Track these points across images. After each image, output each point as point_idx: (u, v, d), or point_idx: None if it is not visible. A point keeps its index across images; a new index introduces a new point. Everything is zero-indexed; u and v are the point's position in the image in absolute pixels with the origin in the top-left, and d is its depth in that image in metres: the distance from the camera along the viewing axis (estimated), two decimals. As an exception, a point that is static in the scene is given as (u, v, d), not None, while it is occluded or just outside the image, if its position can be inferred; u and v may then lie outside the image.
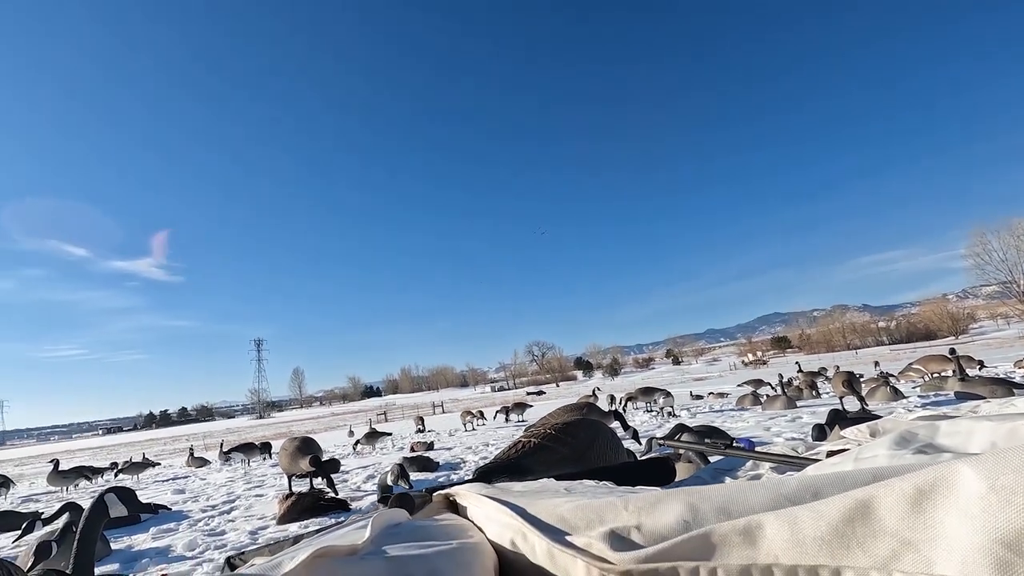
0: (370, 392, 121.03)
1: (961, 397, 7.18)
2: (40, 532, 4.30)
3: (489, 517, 0.59)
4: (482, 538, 0.57)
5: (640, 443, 5.90)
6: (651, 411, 11.81)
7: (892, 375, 11.57)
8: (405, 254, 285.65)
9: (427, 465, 6.84)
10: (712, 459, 4.08)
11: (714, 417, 8.87)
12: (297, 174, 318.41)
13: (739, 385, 15.94)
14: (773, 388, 11.29)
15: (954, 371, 8.11)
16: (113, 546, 4.24)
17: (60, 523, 4.23)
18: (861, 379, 8.44)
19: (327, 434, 22.32)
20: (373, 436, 11.84)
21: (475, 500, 0.66)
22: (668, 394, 10.69)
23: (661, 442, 1.67)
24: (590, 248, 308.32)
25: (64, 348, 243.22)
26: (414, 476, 6.33)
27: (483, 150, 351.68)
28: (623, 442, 5.74)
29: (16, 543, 5.04)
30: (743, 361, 56.40)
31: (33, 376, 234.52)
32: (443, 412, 32.31)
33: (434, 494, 0.85)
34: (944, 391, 8.09)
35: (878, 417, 1.22)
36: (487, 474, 1.83)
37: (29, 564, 3.35)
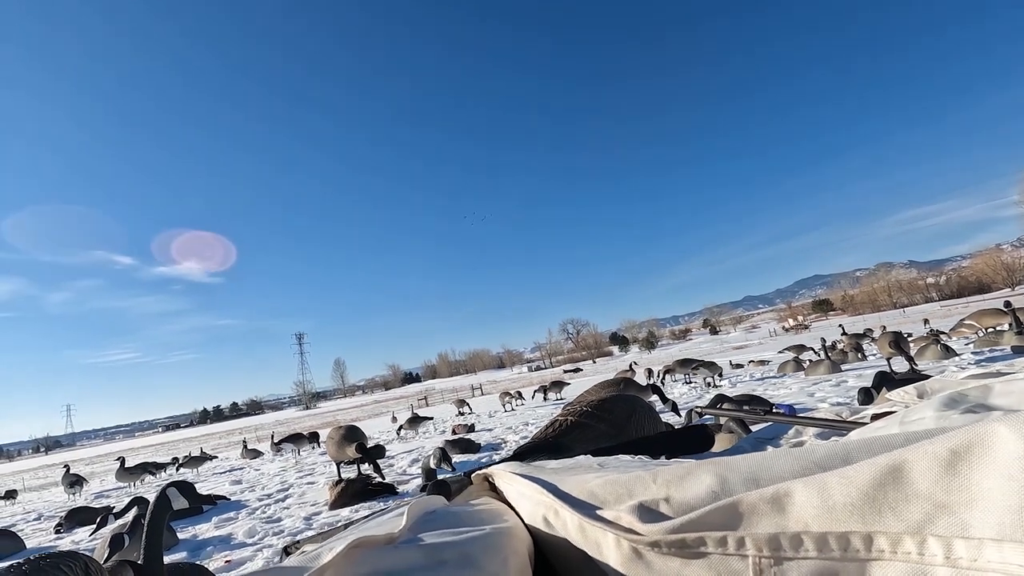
0: (410, 378, 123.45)
1: (1018, 352, 6.85)
2: (113, 525, 4.59)
3: (522, 495, 0.60)
4: (516, 521, 0.58)
5: (680, 415, 5.86)
6: (690, 383, 11.69)
7: (943, 332, 11.09)
8: (434, 241, 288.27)
9: (469, 447, 6.96)
10: (754, 428, 4.00)
11: (755, 385, 8.73)
12: (325, 170, 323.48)
13: (780, 352, 15.59)
14: (816, 353, 10.99)
15: (1010, 324, 7.72)
16: (179, 536, 4.48)
17: (130, 516, 4.50)
18: (910, 338, 8.13)
19: (371, 421, 22.92)
20: (415, 421, 12.09)
21: (509, 479, 0.67)
22: (707, 364, 10.54)
23: (700, 411, 1.64)
24: (618, 224, 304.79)
25: (120, 352, 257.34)
26: (457, 458, 6.46)
27: (511, 133, 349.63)
28: (663, 415, 5.71)
29: (92, 536, 5.41)
30: (783, 327, 54.90)
31: (95, 380, 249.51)
32: (482, 394, 32.74)
33: (472, 475, 0.86)
34: (1000, 346, 7.73)
35: (928, 377, 1.17)
36: (526, 454, 1.85)
37: (105, 556, 3.58)
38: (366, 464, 5.46)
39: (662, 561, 0.41)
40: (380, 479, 5.11)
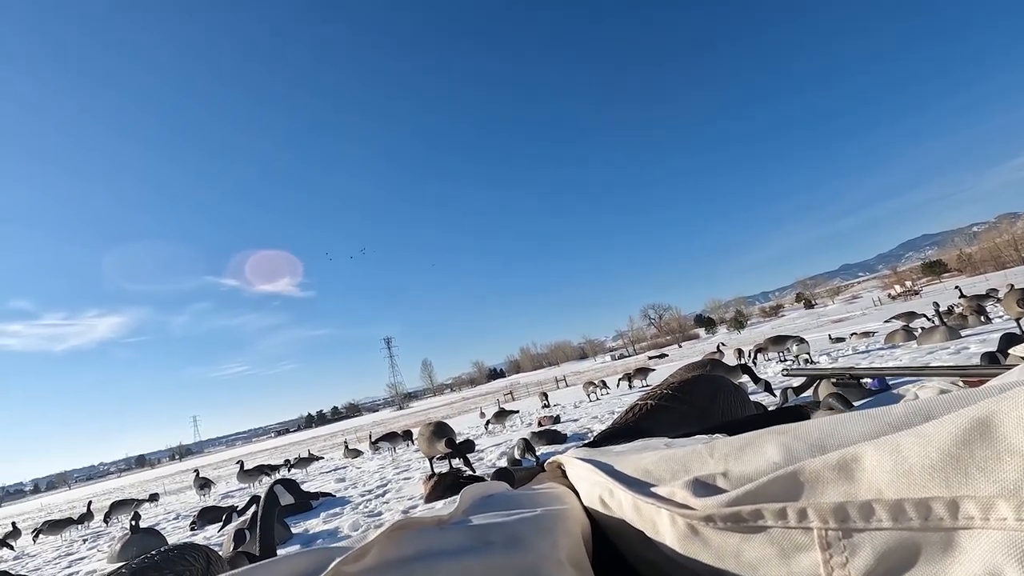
0: (494, 374, 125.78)
1: None
2: (236, 522, 5.05)
3: (580, 477, 0.59)
4: (574, 503, 0.56)
5: (775, 395, 5.55)
6: (785, 361, 11.00)
7: (1086, 286, 9.69)
8: (510, 236, 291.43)
9: (555, 438, 6.97)
10: (856, 404, 3.70)
11: (859, 359, 8.07)
12: (400, 175, 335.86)
13: (887, 321, 14.28)
14: (929, 319, 9.96)
15: None
16: (293, 530, 4.84)
17: (250, 513, 4.94)
18: (1043, 295, 7.16)
19: (460, 417, 23.57)
20: (502, 415, 12.29)
21: (571, 464, 0.66)
22: (802, 340, 9.87)
23: (788, 371, 1.51)
24: (695, 201, 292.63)
25: (234, 366, 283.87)
26: (544, 449, 6.50)
27: (578, 125, 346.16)
28: (755, 396, 5.42)
29: (220, 532, 5.99)
30: (889, 295, 50.06)
31: (215, 392, 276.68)
32: (566, 386, 32.66)
33: (546, 463, 0.86)
34: None
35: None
36: (603, 441, 1.81)
37: (230, 548, 3.97)
38: (456, 458, 5.63)
39: (720, 537, 0.38)
40: (471, 472, 5.24)
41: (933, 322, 8.87)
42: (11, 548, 9.35)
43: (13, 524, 11.30)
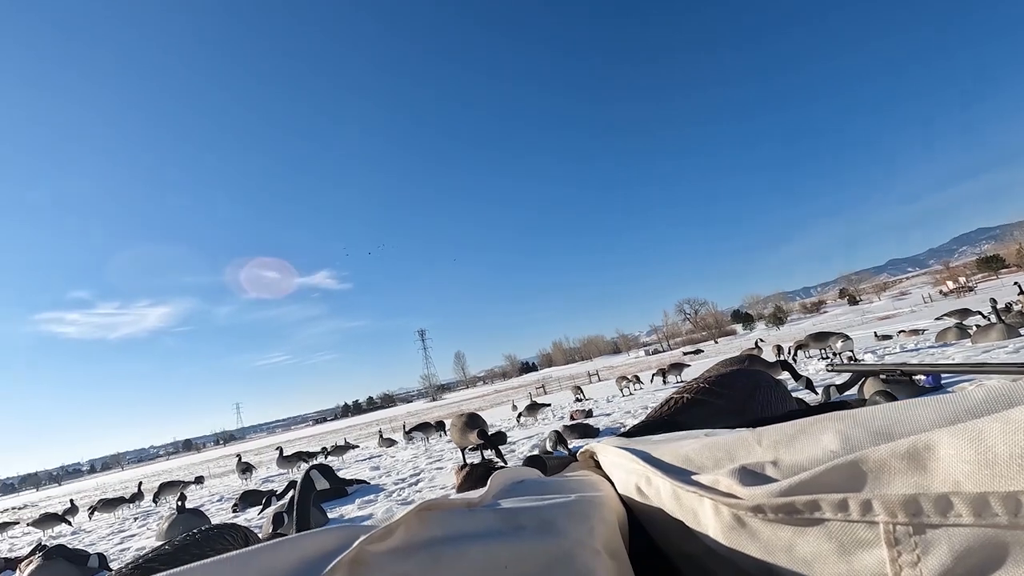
0: (527, 368, 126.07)
1: None
2: (275, 505, 5.21)
3: (616, 464, 0.56)
4: (610, 491, 0.54)
5: (816, 393, 5.37)
6: (826, 358, 10.63)
7: None
8: (544, 230, 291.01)
9: (587, 431, 6.93)
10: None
11: (908, 357, 7.73)
12: (434, 171, 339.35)
13: (938, 319, 13.61)
14: (985, 317, 9.45)
15: None
16: (329, 515, 4.96)
17: (288, 498, 5.09)
18: (1114, 292, 6.70)
19: (493, 410, 23.68)
20: (534, 408, 12.30)
21: (605, 451, 0.63)
22: (846, 337, 9.51)
23: (832, 367, 1.43)
24: (734, 196, 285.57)
25: (274, 356, 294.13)
26: (575, 442, 6.46)
27: (620, 117, 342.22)
28: (796, 394, 5.25)
29: (260, 514, 6.20)
30: (940, 291, 47.69)
31: (257, 381, 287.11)
32: (599, 380, 32.41)
33: (579, 453, 0.84)
34: None
35: None
36: (637, 433, 1.77)
37: (269, 530, 4.09)
38: (488, 449, 5.66)
39: (770, 529, 0.35)
40: (503, 463, 5.26)
41: (989, 319, 8.43)
42: (69, 524, 9.90)
43: (71, 501, 12.00)
